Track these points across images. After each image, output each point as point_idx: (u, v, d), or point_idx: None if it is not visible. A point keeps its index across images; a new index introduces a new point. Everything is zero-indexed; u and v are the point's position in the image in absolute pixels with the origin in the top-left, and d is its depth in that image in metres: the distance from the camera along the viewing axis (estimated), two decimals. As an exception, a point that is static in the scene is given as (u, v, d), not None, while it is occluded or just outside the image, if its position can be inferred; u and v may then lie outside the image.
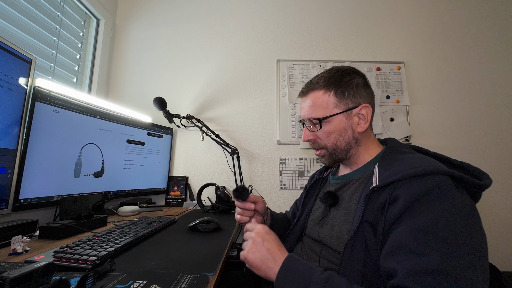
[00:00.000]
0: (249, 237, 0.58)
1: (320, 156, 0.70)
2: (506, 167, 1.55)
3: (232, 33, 1.70)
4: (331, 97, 0.65)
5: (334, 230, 0.61)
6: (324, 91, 0.66)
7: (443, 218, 0.43)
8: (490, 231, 1.47)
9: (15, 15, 1.00)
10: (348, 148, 0.66)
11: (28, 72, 0.81)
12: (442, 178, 0.47)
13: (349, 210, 0.60)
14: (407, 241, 0.43)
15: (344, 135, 0.65)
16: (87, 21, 1.49)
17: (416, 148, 0.65)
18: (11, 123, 0.76)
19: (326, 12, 1.71)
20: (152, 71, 1.66)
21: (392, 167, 0.54)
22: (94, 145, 1.10)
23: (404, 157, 0.57)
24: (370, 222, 0.51)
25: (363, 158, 0.67)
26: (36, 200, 0.86)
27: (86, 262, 0.51)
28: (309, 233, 0.72)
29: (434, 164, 0.50)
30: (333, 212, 0.65)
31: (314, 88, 0.67)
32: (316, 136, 0.68)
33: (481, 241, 0.43)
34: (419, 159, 0.53)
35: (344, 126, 0.65)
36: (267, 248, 0.53)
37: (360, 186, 0.62)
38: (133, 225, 0.82)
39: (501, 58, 1.66)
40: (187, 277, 0.49)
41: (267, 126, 1.60)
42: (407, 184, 0.48)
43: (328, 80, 0.66)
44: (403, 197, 0.47)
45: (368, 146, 0.67)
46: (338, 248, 0.58)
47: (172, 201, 1.49)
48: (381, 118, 1.58)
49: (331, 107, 0.65)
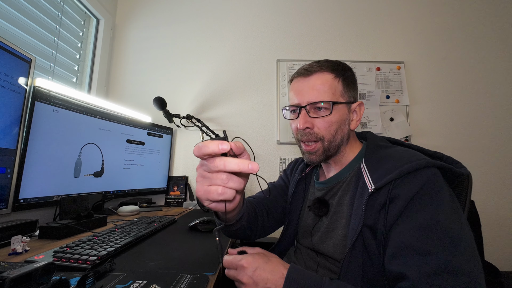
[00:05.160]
0: (236, 280, 0.49)
1: (311, 153, 0.61)
2: (505, 167, 1.55)
3: (232, 32, 1.69)
4: (339, 84, 0.60)
5: (328, 237, 0.59)
6: (334, 76, 0.60)
7: (439, 212, 0.43)
8: (490, 231, 1.47)
9: (15, 15, 1.00)
10: (341, 144, 0.62)
11: (28, 72, 0.81)
12: (433, 170, 0.48)
13: (341, 214, 0.58)
14: (411, 240, 0.43)
15: (343, 129, 0.61)
16: (87, 20, 1.49)
17: (391, 140, 0.65)
18: (10, 123, 0.76)
19: (326, 12, 1.71)
20: (152, 71, 1.65)
21: (383, 165, 0.52)
22: (94, 145, 1.10)
23: (388, 152, 0.56)
24: (369, 225, 0.50)
25: (348, 157, 0.64)
26: (36, 200, 0.86)
27: (86, 262, 0.51)
28: (302, 242, 0.69)
29: (423, 157, 0.50)
30: (325, 218, 0.62)
31: (322, 70, 0.60)
32: (313, 125, 0.59)
33: (469, 229, 0.44)
34: (405, 152, 0.54)
35: (344, 118, 0.61)
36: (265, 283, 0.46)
37: (348, 187, 0.60)
38: (133, 225, 0.82)
39: (501, 58, 1.66)
40: (187, 277, 0.49)
41: (267, 126, 1.60)
42: (404, 181, 0.48)
43: (334, 67, 0.61)
44: (403, 195, 0.46)
45: (352, 144, 0.65)
46: (336, 256, 0.56)
47: (172, 201, 1.49)
48: (381, 118, 1.58)
49: (338, 95, 0.60)
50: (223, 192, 0.36)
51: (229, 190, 0.37)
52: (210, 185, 0.37)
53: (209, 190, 0.37)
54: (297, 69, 0.65)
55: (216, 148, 0.35)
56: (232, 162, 0.36)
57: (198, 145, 0.36)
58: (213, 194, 0.37)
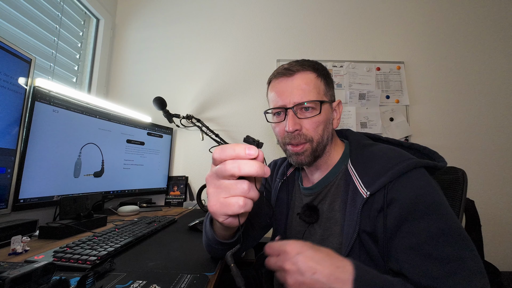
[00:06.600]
0: (278, 268, 0.42)
1: (299, 154, 0.58)
2: (505, 167, 1.55)
3: (232, 32, 1.69)
4: (322, 83, 0.59)
5: (324, 246, 0.57)
6: (317, 75, 0.59)
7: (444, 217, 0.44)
8: (490, 231, 1.47)
9: (14, 15, 1.00)
10: (326, 144, 0.60)
11: (28, 72, 0.81)
12: (422, 171, 0.49)
13: (334, 221, 0.57)
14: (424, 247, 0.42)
15: (328, 128, 0.60)
16: (87, 20, 1.49)
17: (370, 136, 0.66)
18: (10, 123, 0.76)
19: (326, 12, 1.71)
20: (152, 71, 1.65)
21: (372, 167, 0.52)
22: (93, 145, 1.09)
23: (373, 150, 0.56)
24: (368, 231, 0.49)
25: (333, 157, 0.62)
26: (35, 200, 0.86)
27: (86, 262, 0.51)
28: None
29: (410, 157, 0.51)
30: (316, 225, 0.60)
31: (305, 69, 0.58)
32: (301, 127, 0.57)
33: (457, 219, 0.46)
34: (390, 151, 0.54)
35: (329, 118, 0.60)
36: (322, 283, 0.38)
37: (337, 191, 0.58)
38: (133, 225, 0.82)
39: (501, 58, 1.66)
40: (187, 277, 0.49)
41: (267, 126, 1.60)
42: (398, 184, 0.48)
43: (315, 66, 0.60)
44: (400, 199, 0.46)
45: (336, 143, 0.65)
46: None
47: (172, 201, 1.49)
48: (381, 118, 1.58)
49: (322, 94, 0.59)
50: (245, 203, 0.31)
51: (250, 201, 0.32)
52: (228, 197, 0.32)
53: (228, 203, 0.32)
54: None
55: (242, 152, 0.30)
56: (248, 164, 0.30)
57: (220, 147, 0.32)
58: (233, 207, 0.31)
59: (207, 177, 0.35)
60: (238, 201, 0.31)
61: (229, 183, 0.32)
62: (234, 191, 0.32)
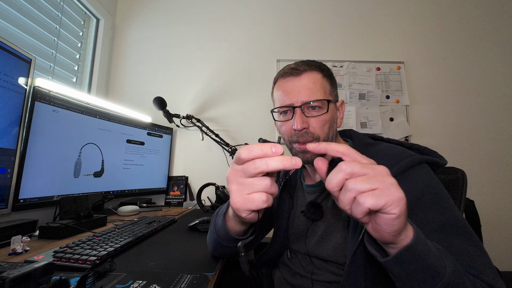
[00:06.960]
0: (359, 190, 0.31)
1: (305, 152, 0.57)
2: (505, 167, 1.55)
3: (232, 33, 1.69)
4: (327, 83, 0.61)
5: (327, 241, 0.58)
6: (322, 75, 0.61)
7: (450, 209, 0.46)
8: (490, 231, 1.47)
9: (14, 14, 1.00)
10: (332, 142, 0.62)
11: (28, 72, 0.81)
12: (425, 166, 0.51)
13: (338, 216, 0.58)
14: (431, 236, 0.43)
15: (333, 127, 0.61)
16: (87, 20, 1.49)
17: (372, 137, 0.67)
18: (10, 123, 0.76)
19: (326, 12, 1.71)
20: (152, 71, 1.65)
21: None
22: (93, 145, 1.09)
23: (377, 149, 0.58)
24: None
25: None
26: (35, 200, 0.86)
27: (86, 262, 0.51)
28: (294, 247, 0.67)
29: (412, 153, 0.53)
30: (320, 222, 0.61)
31: (311, 69, 0.60)
32: (309, 125, 0.58)
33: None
34: (393, 149, 0.56)
35: (334, 117, 0.62)
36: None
37: None
38: (133, 225, 0.82)
39: (501, 58, 1.66)
40: (187, 277, 0.49)
41: (267, 126, 1.60)
42: (403, 178, 0.49)
43: (321, 66, 0.62)
44: (405, 191, 0.46)
45: (339, 142, 0.66)
46: (338, 259, 0.56)
47: (172, 201, 1.49)
48: (381, 118, 1.58)
49: (327, 93, 0.61)
50: (268, 199, 0.33)
51: (271, 197, 0.34)
52: (252, 193, 0.33)
53: (252, 199, 0.33)
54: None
55: (269, 151, 0.32)
56: (275, 159, 0.32)
57: (246, 147, 0.33)
58: (257, 202, 0.33)
59: (229, 175, 0.36)
60: (262, 196, 0.33)
61: (252, 180, 0.34)
62: (257, 187, 0.33)
